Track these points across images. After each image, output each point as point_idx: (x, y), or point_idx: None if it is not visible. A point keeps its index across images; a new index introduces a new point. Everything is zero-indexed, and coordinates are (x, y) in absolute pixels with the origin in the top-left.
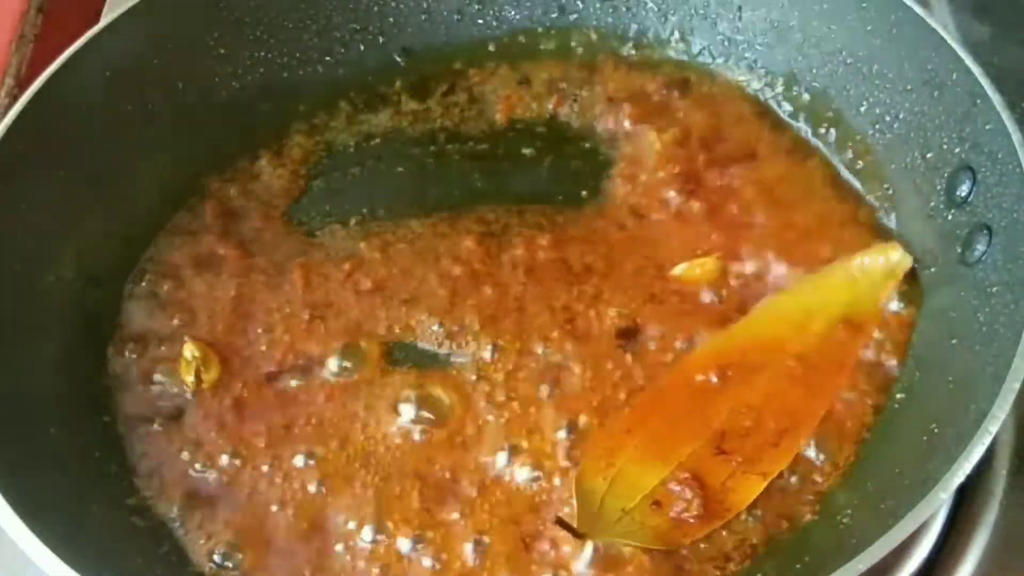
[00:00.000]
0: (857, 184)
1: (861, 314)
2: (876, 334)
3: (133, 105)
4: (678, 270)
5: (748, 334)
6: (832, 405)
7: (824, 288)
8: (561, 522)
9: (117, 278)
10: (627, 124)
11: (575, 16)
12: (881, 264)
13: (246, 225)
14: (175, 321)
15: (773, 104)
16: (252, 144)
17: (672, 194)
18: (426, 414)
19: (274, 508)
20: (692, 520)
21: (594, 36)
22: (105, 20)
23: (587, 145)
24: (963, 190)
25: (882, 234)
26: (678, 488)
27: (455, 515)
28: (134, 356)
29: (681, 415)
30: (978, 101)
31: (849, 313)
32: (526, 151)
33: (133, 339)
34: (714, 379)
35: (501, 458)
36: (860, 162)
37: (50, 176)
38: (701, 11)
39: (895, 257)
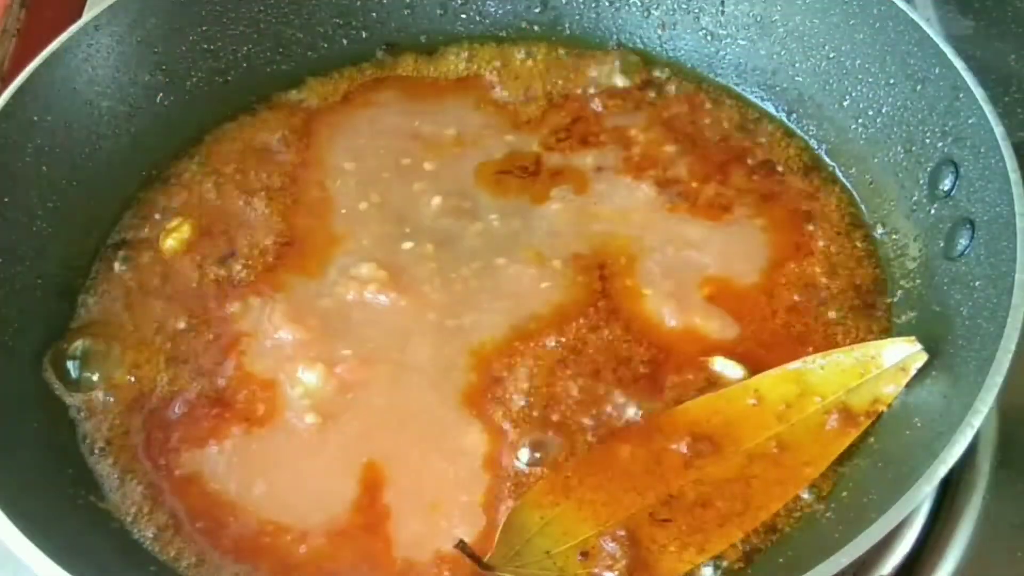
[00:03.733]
0: (842, 180)
1: (861, 404)
2: (857, 325)
3: (116, 100)
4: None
5: (738, 403)
6: (789, 499)
7: (830, 370)
8: (464, 547)
9: (95, 268)
10: (610, 120)
11: (557, 12)
12: (896, 357)
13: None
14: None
15: (756, 98)
16: (234, 138)
17: (653, 192)
18: None
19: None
20: None
21: (577, 31)
22: (88, 15)
23: (569, 141)
24: (946, 184)
25: (862, 236)
26: (611, 545)
27: None
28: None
29: (639, 474)
30: (961, 95)
31: (848, 402)
32: (508, 139)
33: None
34: (684, 449)
35: None
36: (842, 156)
37: (32, 169)
38: (684, 5)
39: (911, 351)
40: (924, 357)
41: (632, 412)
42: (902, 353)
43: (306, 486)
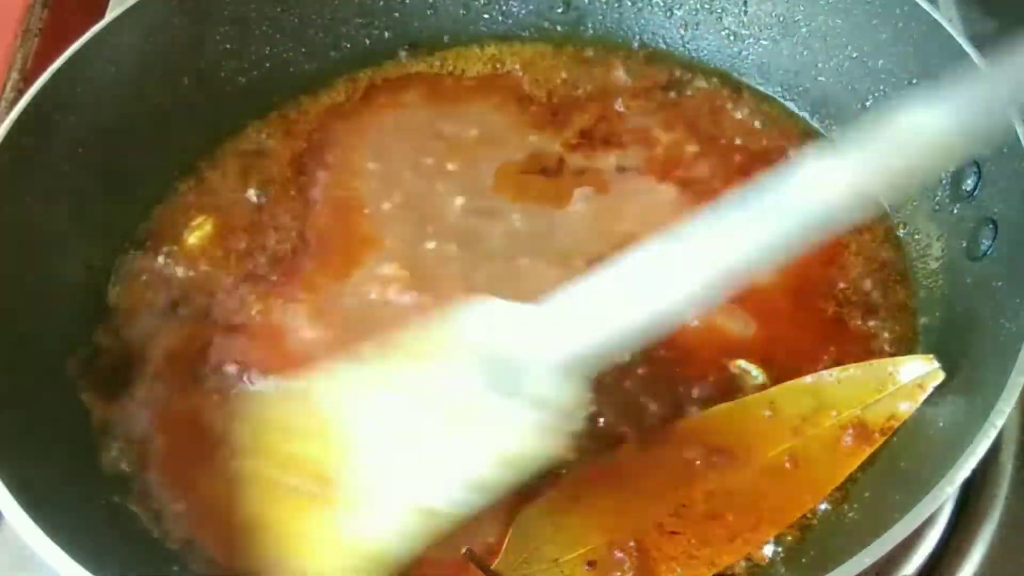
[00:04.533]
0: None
1: (876, 420)
2: (880, 325)
3: (138, 101)
4: None
5: (754, 414)
6: (800, 515)
7: (847, 384)
8: (472, 556)
9: (117, 268)
10: (632, 120)
11: (580, 12)
12: (913, 374)
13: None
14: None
15: (778, 99)
16: (257, 137)
17: (675, 192)
18: None
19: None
20: None
21: (600, 31)
22: (110, 15)
23: (591, 141)
24: (968, 184)
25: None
26: (620, 555)
27: None
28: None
29: (650, 484)
30: None
31: (864, 417)
32: (530, 140)
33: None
34: (697, 460)
35: None
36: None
37: (54, 171)
38: (707, 5)
39: (928, 368)
40: (941, 376)
41: (650, 418)
42: (920, 371)
43: None
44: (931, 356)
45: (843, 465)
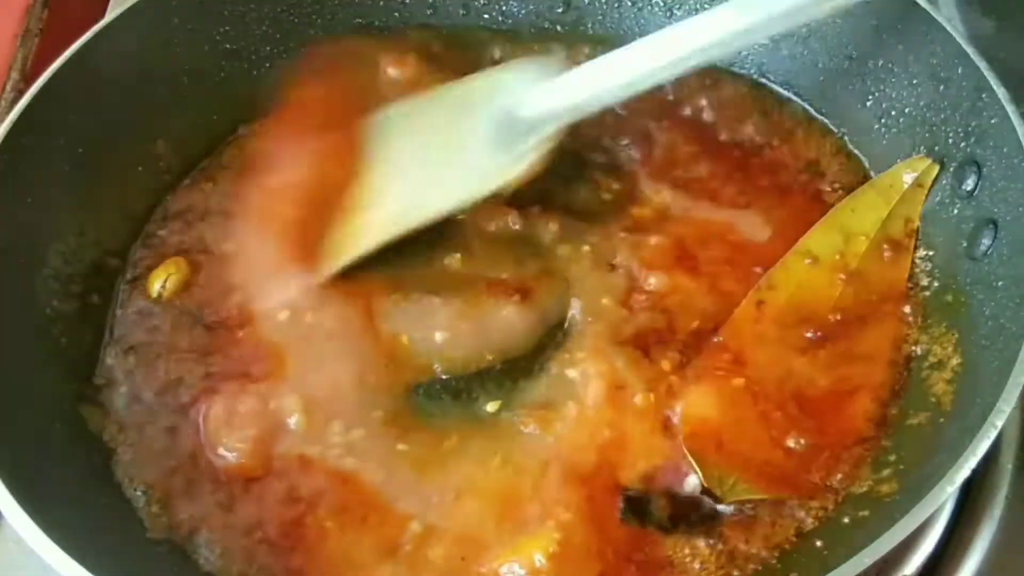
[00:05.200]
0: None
1: (897, 229)
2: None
3: (138, 101)
4: None
5: (797, 268)
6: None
7: (860, 208)
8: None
9: (116, 272)
10: (631, 120)
11: (580, 11)
12: (909, 176)
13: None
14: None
15: (779, 99)
16: (261, 137)
17: (671, 196)
18: None
19: None
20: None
21: (600, 31)
22: (111, 15)
23: (590, 141)
24: (969, 184)
25: None
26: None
27: None
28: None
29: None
30: (983, 95)
31: (888, 231)
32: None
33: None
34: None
35: None
36: (865, 156)
37: (54, 170)
38: (706, 6)
39: (922, 167)
40: (935, 168)
41: None
42: (914, 170)
43: None
44: (921, 156)
45: (899, 273)
